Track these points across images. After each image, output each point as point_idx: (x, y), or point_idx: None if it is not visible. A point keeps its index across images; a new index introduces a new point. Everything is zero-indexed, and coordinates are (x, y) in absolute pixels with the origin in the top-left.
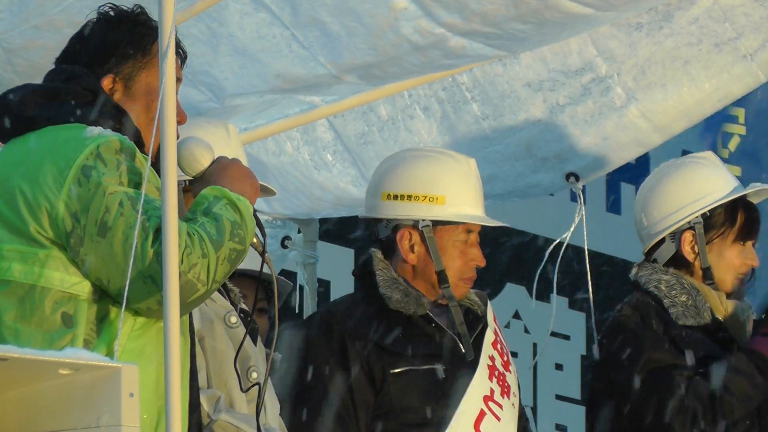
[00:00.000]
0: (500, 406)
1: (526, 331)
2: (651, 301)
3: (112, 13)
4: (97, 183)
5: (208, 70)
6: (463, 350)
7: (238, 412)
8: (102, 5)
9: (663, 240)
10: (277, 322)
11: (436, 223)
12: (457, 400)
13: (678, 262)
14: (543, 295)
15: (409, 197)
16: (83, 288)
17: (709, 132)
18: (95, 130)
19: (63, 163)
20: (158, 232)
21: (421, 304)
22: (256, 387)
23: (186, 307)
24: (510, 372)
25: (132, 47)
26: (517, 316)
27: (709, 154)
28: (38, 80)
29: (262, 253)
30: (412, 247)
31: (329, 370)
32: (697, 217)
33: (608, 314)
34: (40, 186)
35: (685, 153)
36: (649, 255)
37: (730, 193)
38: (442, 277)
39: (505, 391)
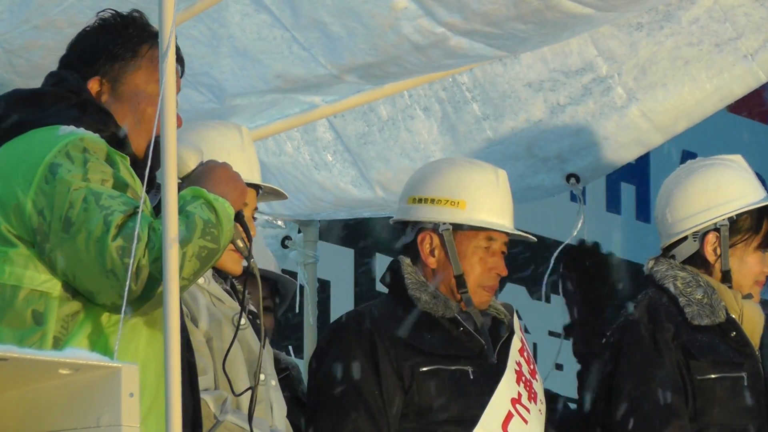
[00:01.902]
0: (527, 410)
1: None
2: (665, 301)
3: (108, 17)
4: (62, 179)
5: (208, 72)
6: (490, 354)
7: (245, 413)
8: (101, 11)
9: (684, 237)
10: (269, 318)
11: (457, 228)
12: (484, 401)
13: (696, 261)
14: (543, 296)
15: (432, 201)
16: (54, 285)
17: None
18: (67, 129)
19: (33, 160)
20: (120, 227)
21: (449, 307)
22: (261, 389)
23: (150, 303)
24: (537, 380)
25: (120, 48)
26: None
27: (738, 157)
28: (39, 80)
29: (248, 257)
30: (432, 251)
31: (358, 368)
32: (724, 219)
33: (608, 312)
34: (12, 184)
35: (685, 153)
36: (667, 251)
37: (761, 200)
38: (460, 282)
39: (532, 396)
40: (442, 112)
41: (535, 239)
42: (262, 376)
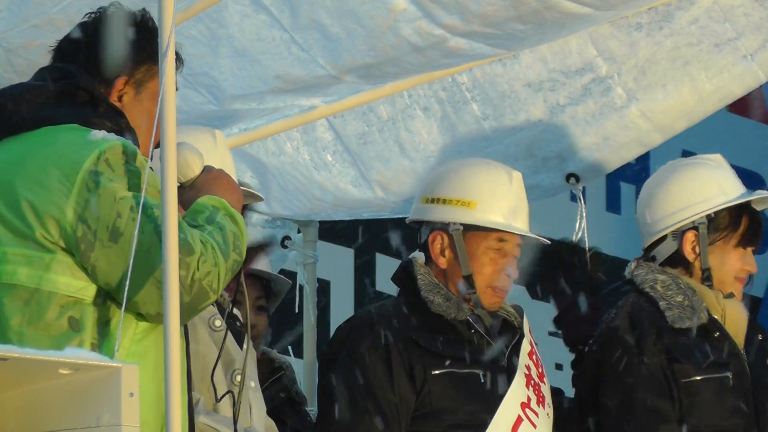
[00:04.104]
0: (536, 414)
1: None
2: (646, 305)
3: (120, 13)
4: (105, 188)
5: (207, 72)
6: (501, 357)
7: (219, 414)
8: (108, 4)
9: (664, 237)
10: (248, 320)
11: (468, 228)
12: (495, 405)
13: (677, 260)
14: (543, 296)
15: (444, 201)
16: (88, 292)
17: None
18: (99, 134)
19: (68, 167)
20: None
21: (462, 309)
22: (247, 390)
23: (195, 314)
24: (545, 383)
25: (146, 53)
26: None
27: (718, 156)
28: None
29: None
30: (443, 251)
31: (372, 369)
32: (701, 217)
33: (595, 301)
34: (47, 191)
35: (685, 153)
36: (648, 251)
37: (737, 198)
38: (469, 283)
39: (541, 400)
40: (442, 112)
41: (549, 241)
42: (239, 378)
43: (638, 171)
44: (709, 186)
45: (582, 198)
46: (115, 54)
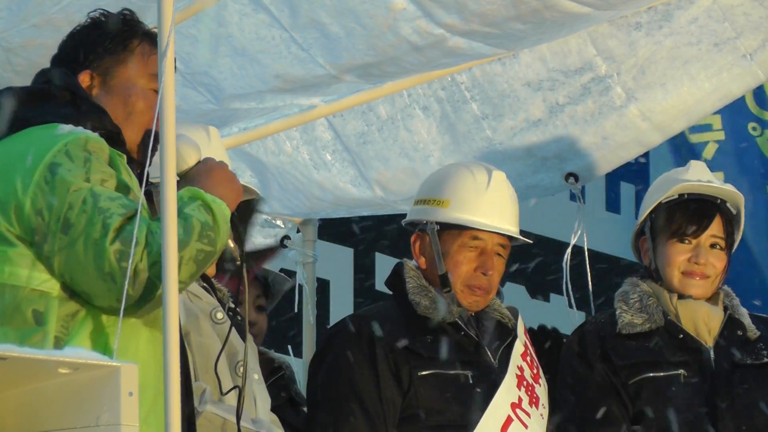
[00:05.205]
0: (528, 415)
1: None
2: (601, 318)
3: (98, 16)
4: (62, 179)
5: (207, 71)
6: (491, 358)
7: (225, 403)
8: (92, 11)
9: (638, 250)
10: (247, 308)
11: (444, 228)
12: (483, 406)
13: (647, 270)
14: (543, 295)
15: (423, 201)
16: (53, 285)
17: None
18: (66, 128)
19: (32, 160)
20: (119, 231)
21: (450, 311)
22: (251, 382)
23: (148, 306)
24: (540, 384)
25: (111, 42)
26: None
27: (692, 161)
28: None
29: (240, 259)
30: (423, 252)
31: (358, 370)
32: (645, 220)
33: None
34: (11, 184)
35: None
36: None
37: (662, 190)
38: (444, 281)
39: (534, 401)
40: (441, 112)
41: (531, 241)
42: (243, 369)
43: (638, 171)
44: (656, 192)
45: (581, 198)
46: (78, 50)
